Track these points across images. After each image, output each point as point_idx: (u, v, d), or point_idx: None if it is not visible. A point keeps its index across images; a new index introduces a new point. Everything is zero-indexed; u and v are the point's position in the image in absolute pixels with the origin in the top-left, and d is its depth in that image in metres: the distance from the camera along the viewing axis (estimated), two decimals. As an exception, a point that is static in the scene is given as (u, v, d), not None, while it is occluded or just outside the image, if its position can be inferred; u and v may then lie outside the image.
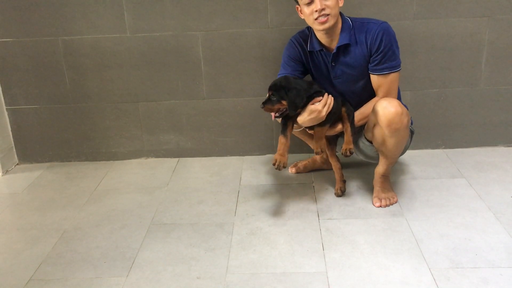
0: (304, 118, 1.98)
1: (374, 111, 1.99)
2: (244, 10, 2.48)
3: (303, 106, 1.97)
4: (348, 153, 2.05)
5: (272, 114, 2.00)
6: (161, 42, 2.55)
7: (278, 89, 1.95)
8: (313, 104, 1.96)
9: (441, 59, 2.52)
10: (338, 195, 2.22)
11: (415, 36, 2.48)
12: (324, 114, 1.96)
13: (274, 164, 1.98)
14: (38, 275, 1.78)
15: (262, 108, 1.98)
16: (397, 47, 2.06)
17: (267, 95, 1.98)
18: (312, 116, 1.96)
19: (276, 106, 1.97)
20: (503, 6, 2.43)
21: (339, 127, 2.12)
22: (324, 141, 2.11)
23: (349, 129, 2.09)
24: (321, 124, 2.02)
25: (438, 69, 2.54)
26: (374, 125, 2.02)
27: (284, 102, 1.95)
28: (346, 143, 2.07)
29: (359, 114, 2.11)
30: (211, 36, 2.53)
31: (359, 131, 2.16)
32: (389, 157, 2.10)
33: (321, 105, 1.95)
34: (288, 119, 2.04)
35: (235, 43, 2.54)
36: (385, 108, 1.93)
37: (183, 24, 2.52)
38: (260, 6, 2.47)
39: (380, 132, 2.00)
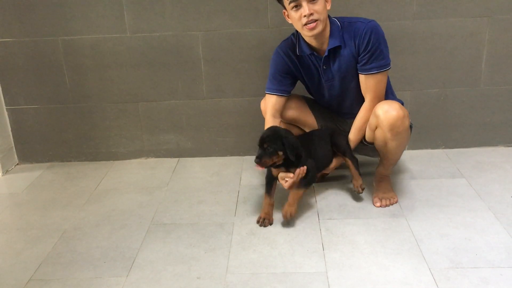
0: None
1: (375, 114, 1.98)
2: (244, 10, 2.48)
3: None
4: (360, 190, 2.13)
5: (260, 168, 1.92)
6: (161, 42, 2.55)
7: (273, 140, 1.90)
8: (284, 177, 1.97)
9: (441, 59, 2.52)
10: (358, 192, 2.17)
11: (415, 36, 2.48)
12: (291, 186, 1.97)
13: (258, 222, 2.02)
14: (38, 275, 1.78)
15: (259, 162, 1.89)
16: (386, 46, 2.02)
17: (260, 149, 1.92)
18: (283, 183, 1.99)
19: (273, 158, 1.92)
20: (503, 6, 2.43)
21: (333, 164, 2.18)
22: (295, 206, 2.00)
23: (352, 166, 2.15)
24: (297, 187, 2.00)
25: (438, 69, 2.54)
26: (376, 128, 2.02)
27: (280, 153, 1.91)
28: (356, 179, 2.15)
29: (355, 130, 2.11)
30: (211, 36, 2.53)
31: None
32: (391, 159, 2.10)
33: (288, 184, 1.96)
34: (272, 178, 2.03)
35: (235, 43, 2.54)
36: (387, 112, 1.93)
37: (183, 24, 2.52)
38: (260, 6, 2.47)
39: (382, 135, 1.99)
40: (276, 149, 1.91)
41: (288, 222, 2.01)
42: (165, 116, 2.70)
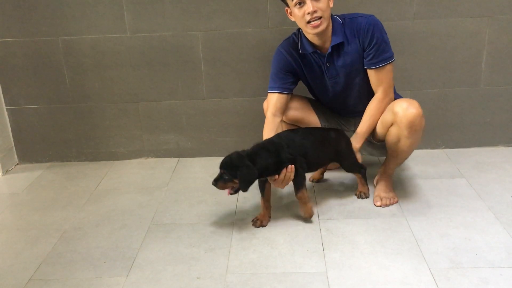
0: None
1: (392, 111, 1.98)
2: (244, 10, 2.48)
3: (273, 173, 1.93)
4: (363, 196, 2.18)
5: (227, 190, 1.93)
6: (161, 42, 2.55)
7: (229, 168, 1.88)
8: (274, 179, 1.95)
9: (441, 59, 2.52)
10: (360, 197, 2.20)
11: (415, 36, 2.48)
12: (284, 186, 1.97)
13: (252, 221, 2.03)
14: (38, 275, 1.78)
15: (215, 185, 1.91)
16: (387, 38, 2.04)
17: (219, 172, 1.91)
18: (275, 185, 1.98)
19: (229, 184, 1.91)
20: (503, 6, 2.43)
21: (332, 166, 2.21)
22: (310, 204, 2.01)
23: (359, 178, 2.18)
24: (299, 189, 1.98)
25: (438, 69, 2.54)
26: (391, 125, 2.02)
27: (236, 180, 1.89)
28: (362, 186, 2.20)
29: (368, 117, 2.07)
30: (211, 36, 2.53)
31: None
32: (400, 157, 2.10)
33: (277, 184, 1.95)
34: (263, 181, 2.01)
35: (235, 43, 2.54)
36: (407, 110, 1.93)
37: (183, 24, 2.52)
38: (260, 6, 2.47)
39: (397, 132, 1.99)
40: (231, 178, 1.89)
41: (311, 216, 2.01)
42: (165, 116, 2.70)
